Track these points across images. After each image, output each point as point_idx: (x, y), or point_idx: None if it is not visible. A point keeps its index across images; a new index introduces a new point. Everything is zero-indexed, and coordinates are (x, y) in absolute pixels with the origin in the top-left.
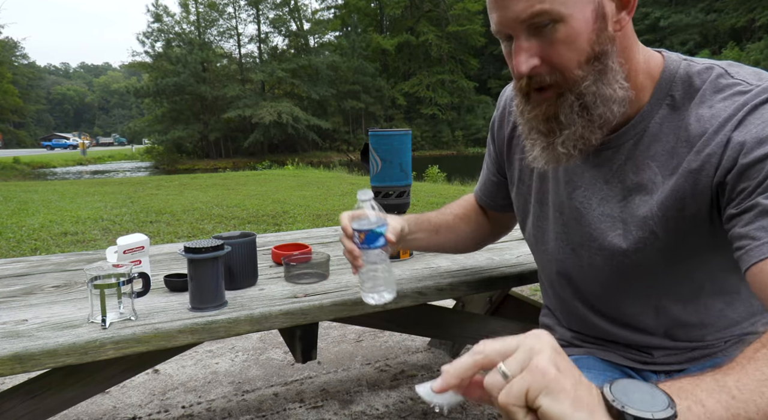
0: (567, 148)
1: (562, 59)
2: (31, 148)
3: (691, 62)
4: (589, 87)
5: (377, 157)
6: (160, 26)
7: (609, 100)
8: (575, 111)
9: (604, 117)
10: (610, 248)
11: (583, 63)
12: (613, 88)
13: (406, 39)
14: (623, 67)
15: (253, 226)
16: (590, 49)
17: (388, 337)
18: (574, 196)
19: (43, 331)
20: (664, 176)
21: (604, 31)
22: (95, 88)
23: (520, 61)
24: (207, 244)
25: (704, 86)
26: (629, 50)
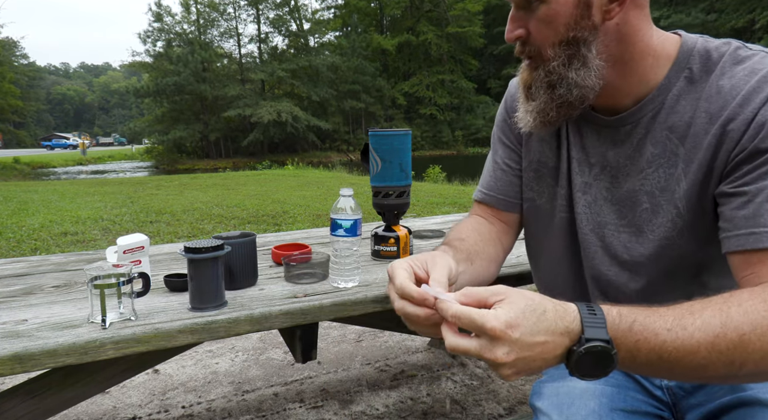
0: (533, 117)
1: (540, 36)
2: (31, 148)
3: (709, 39)
4: (556, 67)
5: (377, 157)
6: (160, 26)
7: (572, 85)
8: (542, 86)
9: (563, 98)
10: (637, 224)
11: (555, 44)
12: (579, 74)
13: (406, 39)
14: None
15: (253, 226)
16: (565, 33)
17: (388, 337)
18: (601, 177)
19: (43, 331)
20: (686, 148)
21: (585, 18)
22: (95, 88)
23: (508, 29)
24: (207, 244)
25: (723, 58)
26: (633, 37)
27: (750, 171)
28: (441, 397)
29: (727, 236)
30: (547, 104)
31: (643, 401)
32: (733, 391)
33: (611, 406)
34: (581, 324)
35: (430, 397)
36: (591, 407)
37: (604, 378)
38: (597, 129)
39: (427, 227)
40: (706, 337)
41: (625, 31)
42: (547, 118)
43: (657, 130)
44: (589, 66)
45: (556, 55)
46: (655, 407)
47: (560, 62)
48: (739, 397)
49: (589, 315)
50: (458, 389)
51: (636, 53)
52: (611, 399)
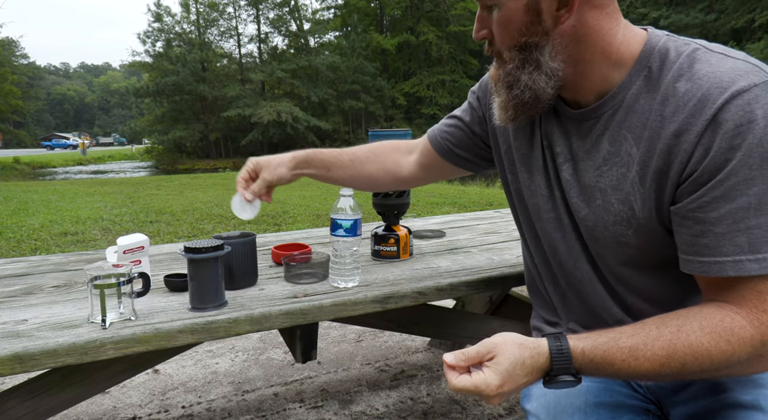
0: (497, 112)
1: (498, 38)
2: (31, 148)
3: (674, 37)
4: (511, 70)
5: None
6: (160, 26)
7: (525, 87)
8: (502, 86)
9: (518, 98)
10: (593, 218)
11: (511, 48)
12: (531, 77)
13: (406, 39)
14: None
15: (253, 226)
16: (518, 38)
17: (388, 337)
18: (563, 167)
19: (43, 331)
20: (640, 150)
21: (536, 24)
22: (95, 88)
23: (475, 28)
24: (207, 244)
25: (681, 58)
26: (591, 37)
27: (703, 194)
28: (441, 397)
29: (688, 260)
30: (506, 102)
31: (628, 395)
32: (716, 393)
33: (597, 402)
34: (551, 364)
35: (430, 397)
36: (577, 405)
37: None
38: (564, 120)
39: (427, 227)
40: (653, 366)
41: (583, 32)
42: (507, 114)
43: (615, 129)
44: (542, 69)
45: (511, 59)
46: (641, 400)
47: (515, 65)
48: (721, 400)
49: (557, 354)
50: None
51: (596, 53)
52: (596, 395)
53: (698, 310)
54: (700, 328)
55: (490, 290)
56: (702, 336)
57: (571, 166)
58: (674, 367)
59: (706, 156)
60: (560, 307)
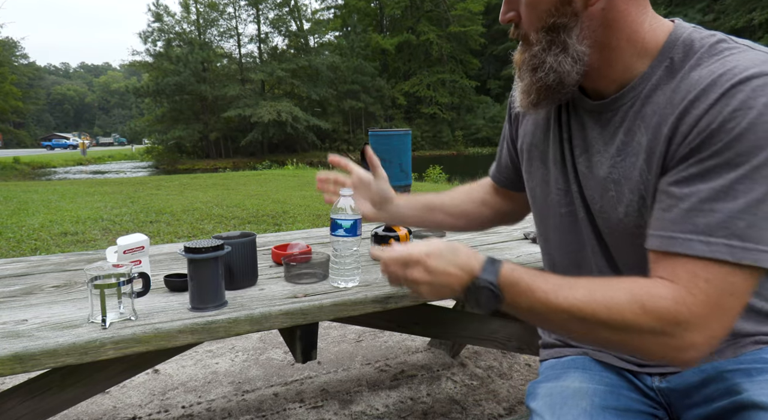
0: (520, 97)
1: (526, 20)
2: (31, 148)
3: (700, 29)
4: (537, 52)
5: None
6: (160, 26)
7: (550, 69)
8: (527, 69)
9: (542, 81)
10: (608, 210)
11: (539, 29)
12: (557, 59)
13: (406, 39)
14: (600, 37)
15: (253, 226)
16: (546, 19)
17: (388, 337)
18: (580, 160)
19: (43, 331)
20: (648, 137)
21: (566, 5)
22: (95, 88)
23: (502, 11)
24: (207, 244)
25: (703, 49)
26: (619, 22)
27: (683, 170)
28: (441, 397)
29: (650, 235)
30: (530, 86)
31: (636, 400)
32: (730, 395)
33: (603, 405)
34: (481, 268)
35: (430, 397)
36: (582, 407)
37: (598, 378)
38: (583, 112)
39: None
40: (568, 306)
41: (612, 16)
42: (529, 99)
43: (631, 120)
44: (568, 52)
45: (538, 41)
46: (649, 406)
47: (541, 47)
48: (737, 401)
49: (489, 264)
50: (458, 389)
51: (622, 40)
52: (603, 398)
53: (634, 278)
54: (625, 288)
55: None
56: (623, 294)
57: (587, 159)
58: (586, 314)
59: (698, 135)
60: None
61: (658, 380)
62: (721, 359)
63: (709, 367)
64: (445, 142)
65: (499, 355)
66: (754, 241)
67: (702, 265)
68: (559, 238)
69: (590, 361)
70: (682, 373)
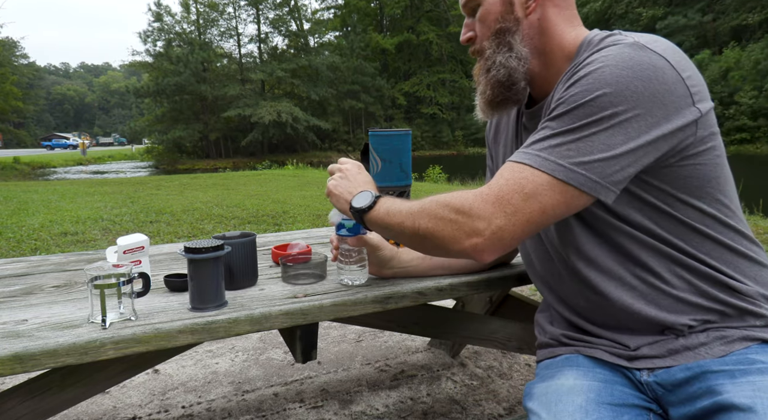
0: (479, 102)
1: (479, 33)
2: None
3: (610, 32)
4: (489, 55)
5: (377, 157)
6: (160, 26)
7: (500, 66)
8: (482, 73)
9: (495, 78)
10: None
11: (489, 36)
12: (504, 56)
13: (406, 38)
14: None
15: (253, 226)
16: (494, 26)
17: (388, 337)
18: None
19: (43, 331)
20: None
21: (510, 13)
22: (95, 88)
23: (462, 33)
24: (207, 244)
25: (592, 44)
26: (550, 30)
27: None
28: (441, 397)
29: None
30: (485, 86)
31: (630, 394)
32: (712, 395)
33: (598, 400)
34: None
35: (430, 397)
36: (578, 403)
37: (592, 375)
38: (523, 123)
39: None
40: (402, 216)
41: (545, 25)
42: (485, 96)
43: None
44: (514, 51)
45: (489, 45)
46: (644, 400)
47: (492, 50)
48: (717, 402)
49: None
50: (458, 389)
51: (554, 46)
52: (598, 394)
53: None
54: (453, 193)
55: (490, 290)
56: (448, 195)
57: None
58: (415, 209)
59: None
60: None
61: (647, 374)
62: (710, 357)
63: (695, 365)
64: (445, 142)
65: (499, 355)
66: (557, 156)
67: (509, 167)
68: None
69: (583, 358)
70: (669, 369)
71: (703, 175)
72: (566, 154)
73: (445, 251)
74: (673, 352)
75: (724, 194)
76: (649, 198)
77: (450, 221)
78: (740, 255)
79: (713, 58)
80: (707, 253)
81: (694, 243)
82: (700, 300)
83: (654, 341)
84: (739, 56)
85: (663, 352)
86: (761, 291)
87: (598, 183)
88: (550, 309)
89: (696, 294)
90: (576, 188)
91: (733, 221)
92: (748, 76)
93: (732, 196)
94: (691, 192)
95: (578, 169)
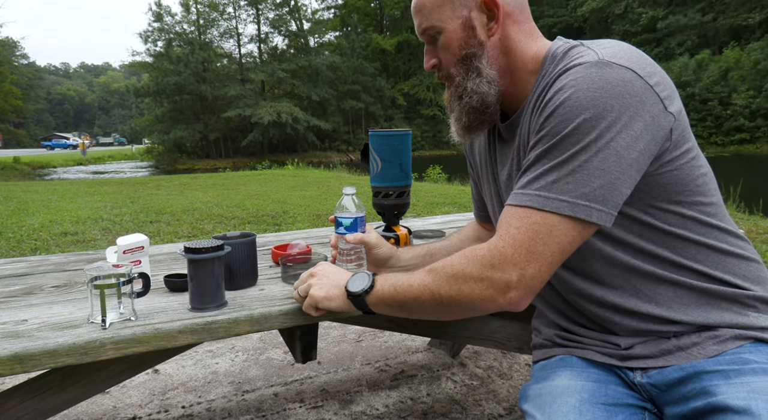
0: (455, 127)
1: (444, 60)
2: (31, 148)
3: (568, 42)
4: (460, 82)
5: (377, 157)
6: (160, 26)
7: (472, 92)
8: (455, 99)
9: (469, 104)
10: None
11: (455, 63)
12: (475, 82)
13: (406, 38)
14: (502, 63)
15: (253, 226)
16: (459, 53)
17: (388, 337)
18: (500, 174)
19: (43, 331)
20: (516, 140)
21: (473, 38)
22: (95, 88)
23: (425, 61)
24: (207, 245)
25: (558, 56)
26: (512, 48)
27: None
28: (441, 397)
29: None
30: (460, 112)
31: (624, 393)
32: (706, 396)
33: (592, 400)
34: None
35: (430, 397)
36: (572, 403)
37: (586, 375)
38: (498, 134)
39: (427, 227)
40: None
41: (507, 44)
42: (462, 123)
43: (524, 136)
44: (483, 75)
45: (458, 72)
46: (638, 399)
47: (461, 77)
48: (711, 403)
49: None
50: (458, 389)
51: (518, 62)
52: (592, 394)
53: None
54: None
55: None
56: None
57: (502, 170)
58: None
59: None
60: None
61: (640, 375)
62: (702, 357)
63: (689, 366)
64: (445, 142)
65: (499, 355)
66: (557, 192)
67: (515, 213)
68: None
69: (577, 359)
70: (662, 369)
71: (680, 180)
72: (566, 188)
73: (479, 312)
74: (666, 353)
75: (704, 194)
76: (629, 211)
77: (478, 280)
78: (726, 253)
79: (713, 58)
80: (692, 258)
81: (678, 249)
82: (690, 306)
83: (645, 341)
84: (739, 56)
85: (655, 352)
86: (750, 287)
87: (603, 211)
88: (543, 313)
89: (685, 301)
90: (586, 222)
91: (715, 220)
92: (747, 76)
93: (712, 193)
94: (670, 198)
95: (581, 201)
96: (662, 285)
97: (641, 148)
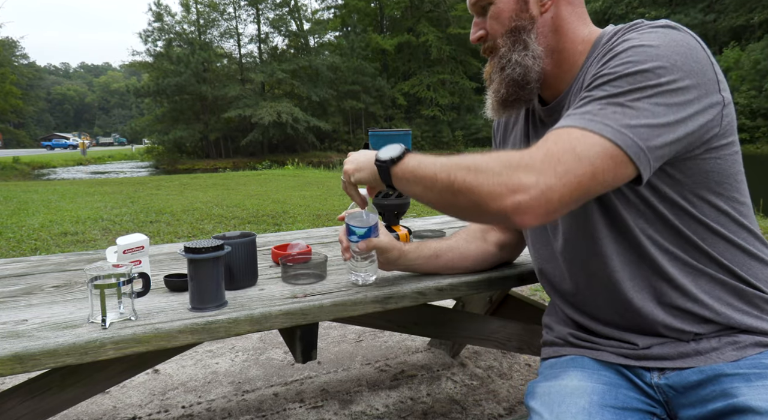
0: (491, 101)
1: (493, 31)
2: (31, 148)
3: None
4: (504, 53)
5: None
6: (160, 26)
7: (515, 64)
8: (496, 71)
9: (510, 76)
10: None
11: (503, 34)
12: (520, 55)
13: (406, 39)
14: (551, 41)
15: (253, 226)
16: (509, 24)
17: (388, 337)
18: None
19: (43, 331)
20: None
21: (525, 11)
22: (95, 88)
23: (472, 32)
24: (207, 244)
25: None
26: (564, 28)
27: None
28: (441, 397)
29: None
30: (499, 84)
31: (634, 398)
32: (726, 397)
33: (601, 403)
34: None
35: (430, 397)
36: (581, 405)
37: (597, 377)
38: (539, 119)
39: (427, 227)
40: (437, 168)
41: (558, 23)
42: (499, 95)
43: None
44: (529, 48)
45: (504, 43)
46: (648, 404)
47: (507, 48)
48: (732, 404)
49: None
50: (458, 389)
51: (567, 43)
52: (602, 396)
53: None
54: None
55: (490, 290)
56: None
57: None
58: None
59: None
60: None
61: (657, 376)
62: (722, 361)
63: (708, 369)
64: (445, 142)
65: (499, 355)
66: (602, 117)
67: (554, 132)
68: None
69: (589, 360)
70: (680, 371)
71: (723, 170)
72: (613, 116)
73: (481, 211)
74: (684, 355)
75: (740, 192)
76: (668, 192)
77: (493, 173)
78: (752, 256)
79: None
80: (720, 254)
81: (708, 242)
82: (713, 306)
83: (664, 342)
84: (739, 56)
85: (673, 353)
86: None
87: (642, 150)
88: (557, 309)
89: (709, 300)
90: (624, 153)
91: (746, 221)
92: (747, 76)
93: (746, 194)
94: (710, 188)
95: (625, 131)
96: (693, 273)
97: (691, 113)
